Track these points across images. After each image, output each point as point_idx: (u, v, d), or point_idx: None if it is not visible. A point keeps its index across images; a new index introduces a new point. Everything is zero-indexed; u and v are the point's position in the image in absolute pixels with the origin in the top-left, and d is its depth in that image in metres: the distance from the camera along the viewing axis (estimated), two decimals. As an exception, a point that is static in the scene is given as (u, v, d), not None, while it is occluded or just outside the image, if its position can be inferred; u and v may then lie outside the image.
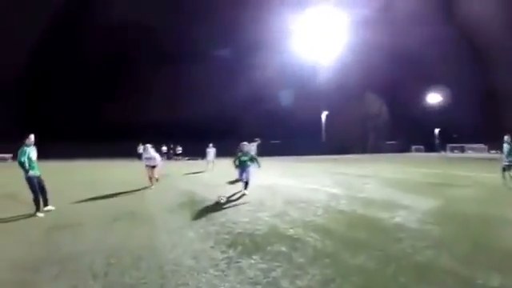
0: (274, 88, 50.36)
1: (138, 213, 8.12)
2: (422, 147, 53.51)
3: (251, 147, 18.19)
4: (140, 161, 30.31)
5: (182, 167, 24.77)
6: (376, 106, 55.24)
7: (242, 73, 50.25)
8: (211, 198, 9.65)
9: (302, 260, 4.47)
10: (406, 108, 53.08)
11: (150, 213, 8.14)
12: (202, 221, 7.09)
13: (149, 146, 13.04)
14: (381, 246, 4.85)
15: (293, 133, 44.77)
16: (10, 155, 34.48)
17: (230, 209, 8.19)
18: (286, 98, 49.64)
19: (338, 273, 3.98)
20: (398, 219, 6.53)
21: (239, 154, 10.51)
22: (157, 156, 12.97)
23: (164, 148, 41.54)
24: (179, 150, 40.78)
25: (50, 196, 8.26)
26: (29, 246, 5.53)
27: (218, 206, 8.41)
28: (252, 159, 10.52)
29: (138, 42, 51.48)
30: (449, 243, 5.03)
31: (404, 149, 51.02)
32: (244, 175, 10.44)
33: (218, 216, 7.37)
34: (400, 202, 8.36)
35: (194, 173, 19.89)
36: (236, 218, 7.21)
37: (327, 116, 50.81)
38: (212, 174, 18.08)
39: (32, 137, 7.96)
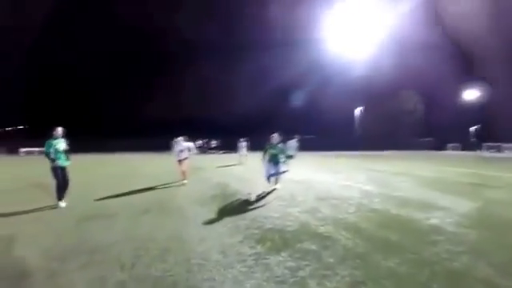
0: (309, 83, 49.78)
1: (169, 205, 8.18)
2: (458, 145, 51.01)
3: (292, 144, 18.12)
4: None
5: (216, 160, 25.06)
6: (411, 102, 53.39)
7: (277, 68, 49.99)
8: (243, 191, 9.65)
9: (331, 260, 4.31)
10: (442, 105, 50.80)
11: (180, 205, 8.18)
12: (233, 215, 7.04)
13: (180, 138, 12.48)
14: (414, 249, 4.59)
15: (327, 128, 44.21)
16: (37, 149, 36.34)
17: (261, 203, 8.10)
18: (320, 93, 48.95)
19: (369, 275, 3.79)
20: (433, 221, 6.19)
21: (268, 146, 9.90)
22: (190, 145, 12.60)
23: (199, 142, 42.43)
24: (213, 143, 41.46)
25: (67, 191, 8.40)
26: (59, 235, 5.66)
27: (249, 201, 8.34)
28: (283, 151, 10.00)
29: (174, 40, 52.26)
30: (486, 249, 4.68)
31: (439, 147, 48.91)
32: (274, 171, 9.92)
33: (249, 210, 7.31)
34: (436, 202, 7.94)
35: (226, 166, 20.06)
36: (267, 212, 7.12)
37: (361, 112, 49.70)
38: (244, 167, 18.14)
39: (59, 129, 8.23)
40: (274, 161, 9.89)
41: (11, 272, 4.15)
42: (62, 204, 8.05)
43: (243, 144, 22.64)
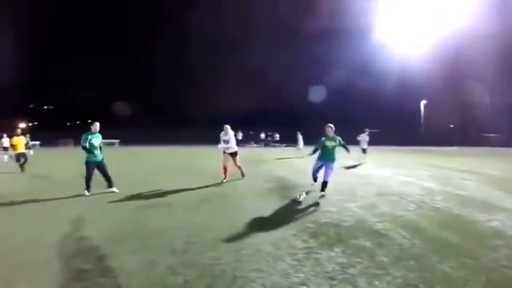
0: (373, 76, 47.79)
1: (227, 196, 8.41)
2: None
3: (364, 137, 17.73)
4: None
5: (277, 153, 25.20)
6: (478, 95, 48.78)
7: (338, 60, 48.55)
8: (301, 183, 9.67)
9: (385, 259, 4.17)
10: (509, 98, 45.75)
11: (238, 196, 8.38)
12: (289, 208, 7.09)
13: (228, 127, 10.93)
14: (473, 253, 4.29)
15: (391, 122, 42.29)
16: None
17: (319, 197, 8.02)
18: (384, 86, 46.84)
19: (422, 278, 3.61)
20: (495, 223, 5.73)
21: (323, 139, 8.32)
22: (233, 140, 10.94)
23: (262, 135, 42.86)
24: (277, 136, 41.64)
25: (113, 179, 9.11)
26: (118, 221, 6.07)
27: (306, 194, 8.28)
28: (340, 144, 8.32)
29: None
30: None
31: (507, 143, 44.24)
32: (326, 171, 8.24)
33: (306, 203, 7.31)
34: (500, 203, 7.33)
35: (286, 158, 20.17)
36: (324, 206, 7.06)
37: (426, 106, 46.77)
38: (304, 160, 18.09)
39: (97, 124, 8.75)
40: (327, 158, 8.21)
41: (70, 250, 4.60)
42: (87, 193, 8.58)
43: (299, 137, 22.61)
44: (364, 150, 17.40)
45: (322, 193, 8.11)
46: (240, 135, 37.70)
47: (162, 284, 3.56)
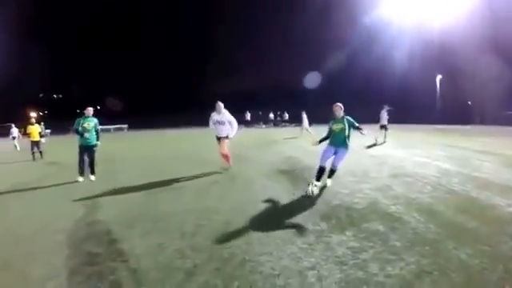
0: (386, 50, 46.55)
1: (237, 178, 8.47)
2: None
3: (383, 115, 17.25)
4: (246, 127, 30.98)
5: (286, 133, 25.04)
6: (497, 69, 47.04)
7: (348, 36, 47.35)
8: (312, 164, 9.58)
9: (398, 243, 4.13)
10: None
11: (248, 178, 8.42)
12: (299, 189, 7.06)
13: (222, 104, 9.42)
14: (490, 240, 4.19)
15: (406, 99, 41.23)
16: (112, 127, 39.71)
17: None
18: (398, 62, 45.60)
19: (437, 265, 3.57)
20: None
21: (331, 122, 7.30)
22: (232, 121, 9.45)
23: (271, 115, 42.60)
24: (286, 116, 41.32)
25: (96, 168, 9.12)
26: (128, 205, 6.18)
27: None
28: (350, 126, 7.08)
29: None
30: None
31: None
32: (335, 157, 7.21)
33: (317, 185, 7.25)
34: None
35: (294, 138, 20.12)
36: (336, 188, 7.02)
37: (441, 81, 45.44)
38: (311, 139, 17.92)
39: (90, 109, 8.80)
40: (337, 143, 7.16)
41: (81, 234, 4.68)
42: (80, 179, 8.67)
43: (304, 116, 22.45)
44: (383, 127, 16.94)
45: (329, 181, 7.37)
46: (248, 115, 37.41)
47: (170, 267, 3.61)
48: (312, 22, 49.29)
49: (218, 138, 9.61)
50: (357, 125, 7.11)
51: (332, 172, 7.32)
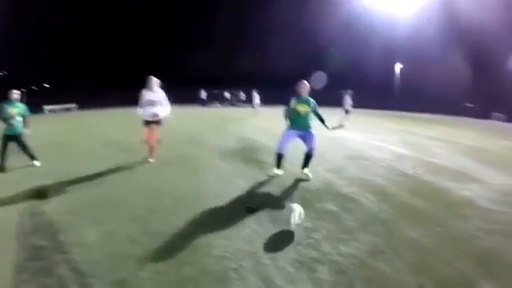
0: (346, 35, 47.11)
1: (191, 159, 8.18)
2: (502, 115, 46.33)
3: (346, 100, 17.27)
4: (202, 106, 29.85)
5: (242, 113, 24.69)
6: (457, 63, 49.43)
7: (312, 18, 47.51)
8: (267, 144, 9.43)
9: (351, 223, 4.12)
10: (490, 69, 46.41)
11: (201, 159, 8.14)
12: (253, 169, 6.99)
13: (155, 80, 7.63)
14: (443, 222, 4.26)
15: (364, 84, 42.05)
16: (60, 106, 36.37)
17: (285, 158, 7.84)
18: (358, 46, 46.34)
19: (390, 244, 3.57)
20: (467, 193, 5.67)
21: (293, 101, 6.37)
22: (166, 102, 7.74)
23: (226, 94, 41.46)
24: (242, 95, 40.25)
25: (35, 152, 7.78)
26: (77, 190, 5.62)
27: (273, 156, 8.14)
28: (315, 110, 6.42)
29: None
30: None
31: (482, 114, 45.22)
32: (306, 142, 6.39)
33: (271, 165, 7.04)
34: (473, 174, 7.19)
35: (250, 118, 19.98)
36: (289, 169, 6.85)
37: (402, 70, 47.01)
38: (264, 120, 17.87)
39: (14, 92, 7.50)
40: (300, 126, 6.35)
41: (26, 227, 4.18)
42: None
43: (255, 95, 22.36)
44: (347, 112, 17.05)
45: (306, 171, 6.41)
46: (204, 94, 35.76)
47: (121, 254, 3.38)
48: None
49: (148, 123, 7.64)
50: (322, 117, 6.51)
51: (308, 158, 6.41)
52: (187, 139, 10.53)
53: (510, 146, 12.23)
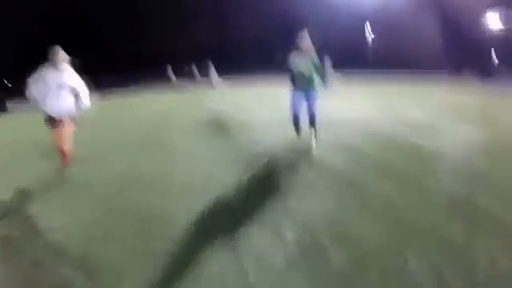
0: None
1: (159, 136, 8.08)
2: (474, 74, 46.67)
3: (327, 68, 16.13)
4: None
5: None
6: (427, 23, 49.42)
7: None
8: (237, 117, 9.42)
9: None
10: (459, 27, 46.54)
11: (169, 135, 8.11)
12: (224, 143, 6.92)
13: (61, 51, 4.91)
14: (413, 175, 4.32)
15: (335, 43, 41.34)
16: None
17: (256, 127, 7.80)
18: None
19: (359, 199, 3.66)
20: (441, 149, 5.48)
21: (291, 56, 5.75)
22: (80, 86, 5.11)
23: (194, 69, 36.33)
24: (195, 70, 34.56)
25: None
26: (46, 177, 5.36)
27: (244, 126, 8.07)
28: (317, 69, 5.76)
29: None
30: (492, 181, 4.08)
31: (455, 73, 45.59)
32: (308, 103, 5.81)
33: (241, 136, 7.05)
34: (447, 129, 6.93)
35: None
36: (261, 136, 6.89)
37: (372, 27, 46.61)
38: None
39: None
40: (306, 85, 5.73)
41: None
42: None
43: (212, 68, 21.41)
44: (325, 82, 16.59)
45: (312, 143, 5.80)
46: (172, 73, 30.55)
47: (87, 236, 3.32)
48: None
49: (52, 120, 4.96)
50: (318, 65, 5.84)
51: (312, 120, 5.86)
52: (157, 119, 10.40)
53: (481, 102, 12.09)
